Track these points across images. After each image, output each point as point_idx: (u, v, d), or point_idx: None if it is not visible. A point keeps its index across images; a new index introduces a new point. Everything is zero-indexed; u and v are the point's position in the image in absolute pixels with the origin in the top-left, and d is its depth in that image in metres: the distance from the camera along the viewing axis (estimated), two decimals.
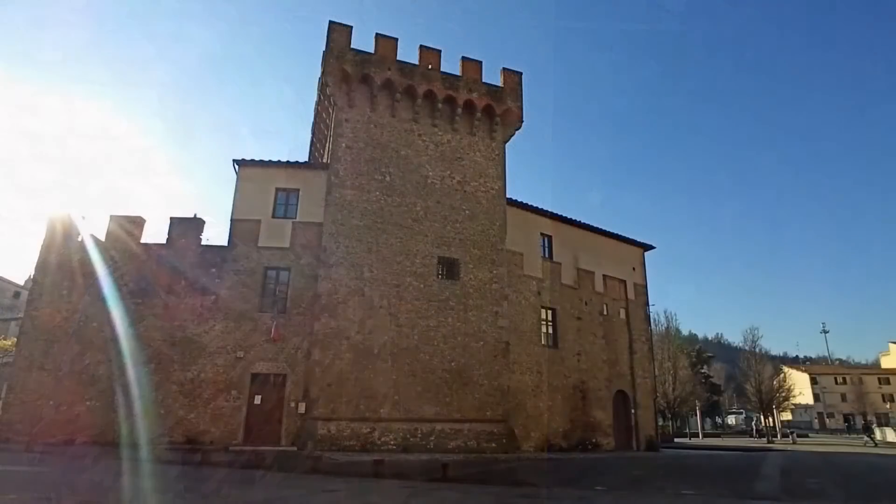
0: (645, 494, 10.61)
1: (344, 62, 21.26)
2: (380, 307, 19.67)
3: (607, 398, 26.56)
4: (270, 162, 20.80)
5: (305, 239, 20.09)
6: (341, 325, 18.98)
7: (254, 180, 20.59)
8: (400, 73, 21.98)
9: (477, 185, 22.90)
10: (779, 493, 10.99)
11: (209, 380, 18.10)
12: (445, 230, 21.67)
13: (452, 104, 22.91)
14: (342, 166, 20.77)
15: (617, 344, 27.99)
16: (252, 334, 18.77)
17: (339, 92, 21.46)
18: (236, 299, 19.04)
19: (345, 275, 19.56)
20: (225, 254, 19.58)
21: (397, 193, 21.25)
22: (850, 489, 12.10)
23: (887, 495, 11.27)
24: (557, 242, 26.47)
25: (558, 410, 24.04)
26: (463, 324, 20.86)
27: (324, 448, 16.89)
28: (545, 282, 25.26)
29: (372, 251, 20.18)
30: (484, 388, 20.48)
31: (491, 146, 23.75)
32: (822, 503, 10.02)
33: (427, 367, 19.76)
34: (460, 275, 21.42)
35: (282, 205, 20.56)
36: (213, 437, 17.40)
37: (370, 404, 18.56)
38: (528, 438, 22.23)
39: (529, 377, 23.26)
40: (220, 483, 10.38)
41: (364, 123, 21.56)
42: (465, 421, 19.80)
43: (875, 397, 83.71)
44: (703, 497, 10.33)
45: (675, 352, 51.17)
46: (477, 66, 23.77)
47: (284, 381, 18.60)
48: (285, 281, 19.77)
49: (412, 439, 18.65)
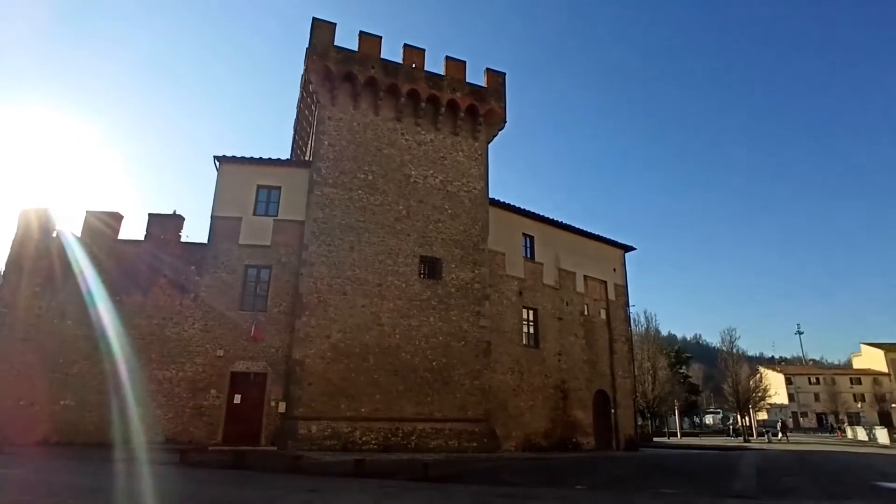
0: (625, 493, 10.70)
1: (327, 60, 21.12)
2: (362, 306, 19.58)
3: (588, 398, 26.80)
4: (252, 159, 20.57)
5: (287, 237, 19.91)
6: (322, 324, 18.85)
7: (235, 177, 20.34)
8: (384, 72, 21.91)
9: (460, 185, 22.92)
10: (756, 491, 11.17)
11: (188, 379, 17.84)
12: (428, 230, 21.65)
13: (436, 104, 22.90)
14: (325, 164, 20.63)
15: (597, 344, 28.26)
16: (232, 333, 18.55)
17: (323, 89, 21.32)
18: (216, 297, 18.79)
19: (326, 273, 19.43)
20: (205, 251, 19.31)
21: (380, 192, 21.17)
22: (824, 486, 12.37)
23: (858, 492, 11.54)
24: (539, 243, 26.63)
25: (539, 410, 24.18)
26: (445, 323, 20.86)
27: (304, 448, 16.76)
28: (527, 282, 25.40)
29: (354, 250, 20.08)
30: (465, 388, 20.51)
31: (474, 146, 23.79)
32: (797, 501, 10.22)
33: (408, 367, 19.72)
34: (442, 274, 21.42)
35: (263, 202, 20.34)
36: (192, 436, 17.15)
37: (351, 404, 18.47)
38: (509, 438, 22.32)
39: (510, 377, 23.36)
40: (199, 483, 10.23)
41: (347, 121, 21.44)
42: (447, 420, 19.80)
43: (847, 397, 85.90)
44: (682, 496, 10.45)
45: (654, 352, 51.77)
46: (461, 65, 23.80)
47: (265, 381, 18.42)
48: (266, 279, 19.57)
49: (393, 439, 18.60)
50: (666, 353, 56.53)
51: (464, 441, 19.75)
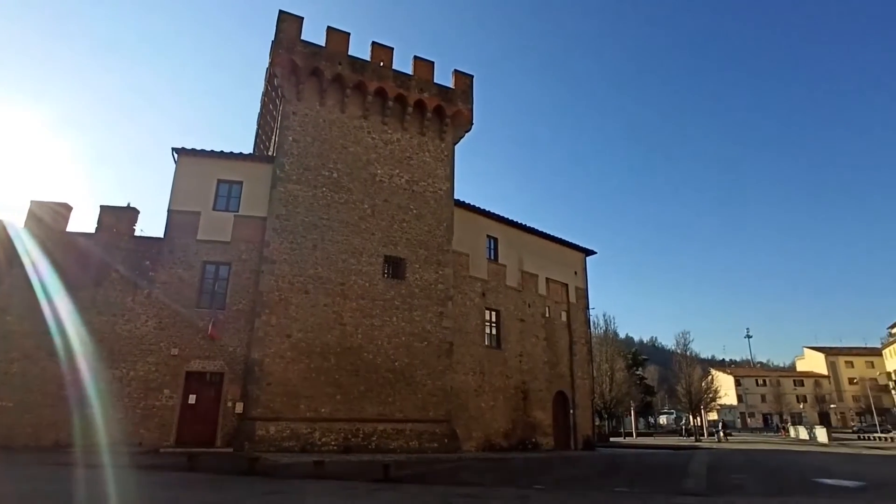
0: (582, 492, 10.92)
1: (293, 54, 20.73)
2: (324, 305, 19.30)
3: (547, 399, 27.19)
4: (213, 152, 19.98)
5: (248, 233, 19.43)
6: (283, 323, 18.48)
7: (194, 170, 19.69)
8: (351, 69, 21.67)
9: (425, 185, 22.89)
10: (705, 489, 11.56)
11: (139, 378, 17.17)
12: (392, 229, 21.53)
13: (403, 103, 22.80)
14: (288, 160, 20.25)
15: (558, 346, 28.71)
16: (188, 331, 17.96)
17: (288, 84, 20.92)
18: (172, 294, 18.16)
19: (288, 271, 19.07)
20: (160, 246, 18.64)
21: (344, 190, 20.93)
22: (768, 483, 12.92)
23: (800, 488, 12.10)
24: (503, 245, 26.88)
25: (500, 411, 24.38)
26: (407, 324, 20.79)
27: (262, 449, 16.38)
28: (490, 283, 25.58)
29: (317, 248, 19.77)
30: (427, 389, 20.49)
31: (440, 147, 23.81)
32: (743, 497, 10.64)
33: (370, 367, 19.56)
34: (406, 274, 21.34)
35: (223, 197, 19.79)
36: (142, 438, 16.51)
37: (311, 404, 18.17)
38: (469, 438, 22.40)
39: (472, 377, 23.47)
40: (150, 487, 9.84)
41: (312, 117, 21.11)
42: (408, 421, 19.73)
43: (791, 398, 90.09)
44: (637, 494, 10.74)
45: (612, 354, 52.97)
46: (429, 66, 23.79)
47: (221, 380, 17.91)
48: (225, 276, 19.04)
49: (353, 440, 18.40)
50: (623, 355, 57.93)
51: (425, 442, 19.72)
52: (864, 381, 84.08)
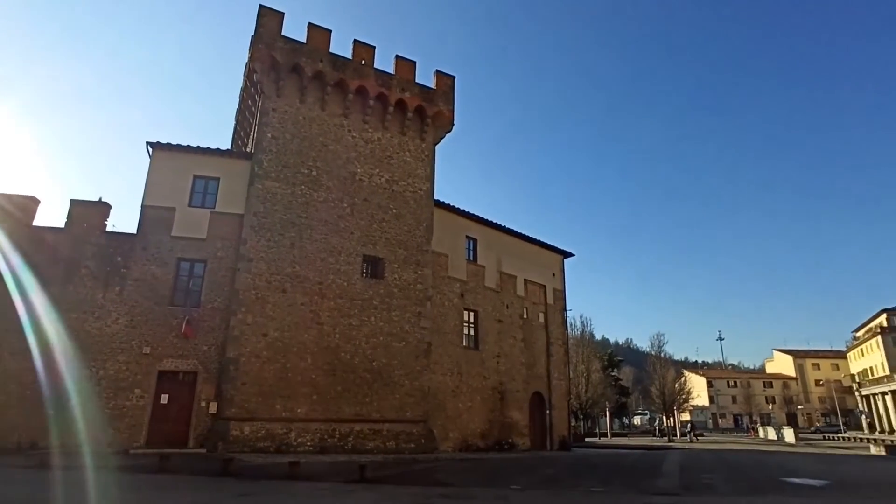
0: (558, 492, 11.01)
1: (274, 49, 20.48)
2: (301, 304, 19.11)
3: (524, 399, 27.36)
4: (189, 147, 19.59)
5: (224, 230, 19.12)
6: (259, 322, 18.23)
7: (169, 165, 19.28)
8: (332, 66, 21.51)
9: (405, 185, 22.84)
10: (678, 488, 11.77)
11: (109, 378, 16.73)
12: (371, 229, 21.43)
13: (384, 102, 22.72)
14: (267, 157, 19.99)
15: (535, 347, 28.92)
16: (161, 329, 17.58)
17: (267, 80, 20.66)
18: (144, 291, 17.76)
19: (265, 270, 18.82)
20: (133, 242, 18.21)
21: (324, 189, 20.76)
22: (738, 483, 13.22)
23: (768, 487, 12.40)
24: (482, 246, 26.97)
25: (477, 411, 24.45)
26: (386, 323, 20.71)
27: (236, 450, 16.14)
28: (469, 284, 25.65)
29: (295, 246, 19.56)
30: (405, 389, 20.44)
31: (421, 147, 23.78)
32: (714, 497, 10.86)
33: (348, 367, 19.43)
34: (385, 274, 21.26)
35: (200, 193, 19.43)
36: (111, 439, 16.08)
37: (287, 404, 17.96)
38: (446, 439, 22.42)
39: (450, 378, 23.49)
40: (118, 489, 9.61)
41: (292, 114, 20.88)
42: (385, 421, 19.65)
43: (760, 399, 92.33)
44: (611, 494, 10.88)
45: (588, 355, 53.63)
46: (411, 65, 23.74)
47: (195, 380, 17.58)
48: (200, 274, 18.70)
49: (330, 440, 18.25)
50: (599, 356, 58.71)
51: (401, 442, 19.66)
52: (829, 382, 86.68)
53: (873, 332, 74.13)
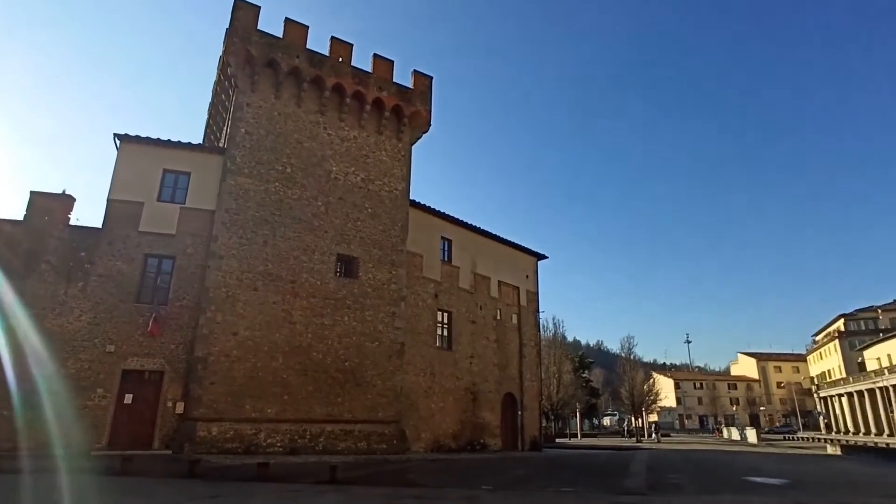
0: (528, 493, 11.10)
1: (249, 43, 20.14)
2: (273, 303, 18.82)
3: (496, 400, 27.51)
4: (159, 140, 19.10)
5: (195, 226, 18.69)
6: (229, 320, 17.89)
7: (138, 159, 18.74)
8: (309, 63, 21.26)
9: (381, 185, 22.72)
10: (644, 488, 11.99)
11: (70, 376, 16.14)
12: (346, 228, 21.26)
13: (361, 100, 22.57)
14: (240, 152, 19.64)
15: (508, 348, 29.11)
16: (126, 327, 17.08)
17: (242, 74, 20.30)
18: (109, 287, 17.23)
19: (237, 267, 18.48)
20: (98, 237, 17.65)
21: (298, 186, 20.50)
22: (703, 482, 13.54)
23: (731, 486, 12.74)
24: (457, 246, 27.02)
25: (449, 412, 24.47)
26: (359, 323, 20.56)
27: (203, 451, 15.78)
28: (443, 285, 25.66)
29: (268, 244, 19.26)
30: (377, 389, 20.32)
31: (397, 146, 23.70)
32: (679, 496, 11.10)
33: (320, 367, 19.22)
34: (359, 274, 21.11)
35: (169, 188, 18.95)
36: (71, 440, 15.51)
37: (256, 404, 17.67)
38: (418, 440, 22.38)
39: (423, 378, 23.46)
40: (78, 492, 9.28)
41: (267, 110, 20.57)
42: (357, 422, 19.51)
43: (725, 400, 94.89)
44: (581, 494, 11.02)
45: (560, 357, 54.26)
46: (389, 64, 23.64)
47: (161, 379, 17.14)
48: (168, 270, 18.24)
49: (300, 441, 18.02)
50: (571, 358, 59.45)
51: (373, 443, 19.54)
52: (790, 385, 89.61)
53: (831, 336, 76.98)
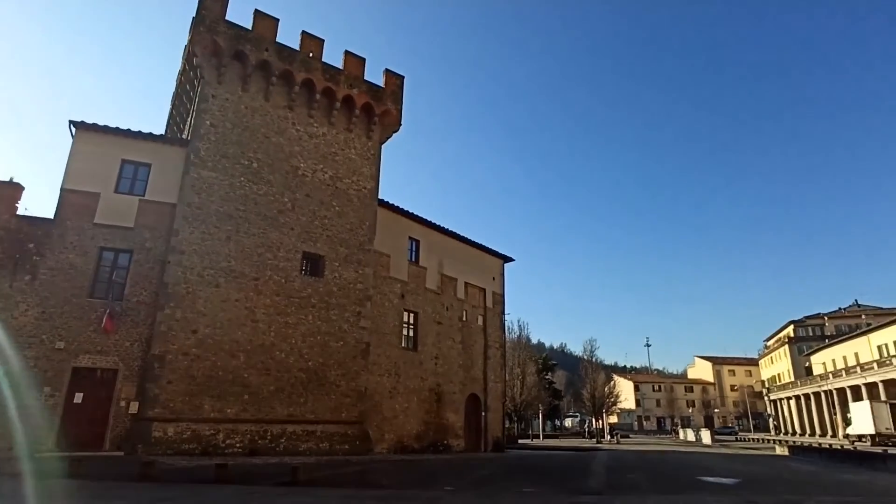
0: (491, 493, 11.15)
1: (216, 34, 19.63)
2: (235, 300, 18.38)
3: (460, 401, 27.59)
4: (118, 129, 18.41)
5: (154, 220, 18.09)
6: (189, 318, 17.37)
7: (95, 148, 18.00)
8: (278, 56, 20.89)
9: (349, 183, 22.50)
10: (604, 488, 12.23)
11: (15, 374, 15.36)
12: (313, 225, 20.96)
13: (331, 97, 22.31)
14: (204, 145, 19.12)
15: (473, 349, 29.24)
16: (77, 323, 16.38)
17: (208, 65, 19.77)
18: (60, 281, 16.49)
19: (198, 263, 17.97)
20: (49, 228, 16.87)
21: (264, 182, 20.09)
22: (659, 482, 13.90)
23: (686, 486, 13.11)
24: (425, 247, 27.00)
25: (413, 412, 24.41)
26: (324, 322, 20.29)
27: (157, 452, 15.26)
28: (410, 285, 25.59)
29: (231, 240, 18.81)
30: (341, 389, 20.09)
31: (367, 145, 23.52)
32: (637, 496, 11.36)
33: (282, 366, 18.87)
34: (325, 272, 20.84)
35: (128, 179, 18.30)
36: (14, 441, 14.76)
37: (216, 404, 17.21)
38: (381, 440, 22.23)
39: (387, 379, 23.33)
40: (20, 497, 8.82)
41: (234, 103, 20.09)
42: (319, 422, 19.24)
43: (682, 403, 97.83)
44: (542, 494, 11.14)
45: (524, 359, 54.85)
46: (360, 62, 23.45)
47: (115, 377, 16.50)
48: (125, 265, 17.60)
49: (261, 441, 17.65)
50: (535, 360, 60.14)
51: (336, 443, 19.31)
52: (742, 388, 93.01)
53: (782, 341, 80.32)
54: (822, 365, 62.56)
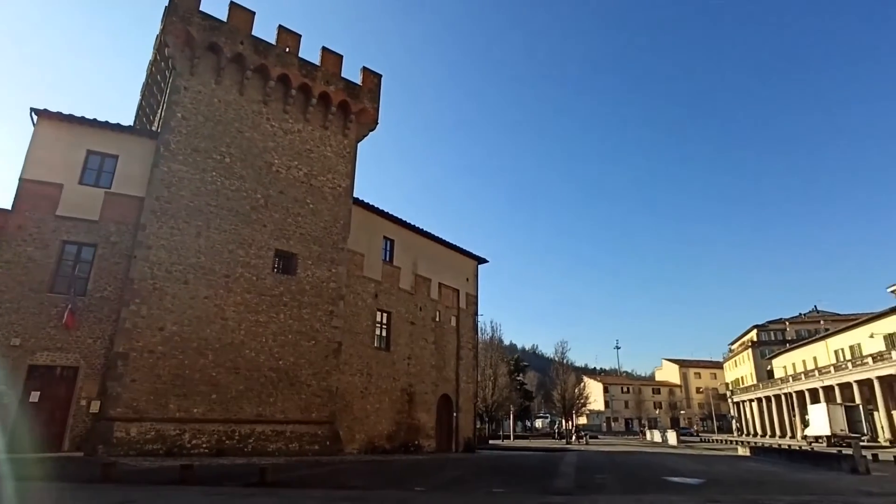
0: (461, 493, 11.16)
1: (190, 24, 19.19)
2: (204, 298, 17.98)
3: (432, 401, 27.56)
4: (84, 119, 17.80)
5: (120, 213, 17.56)
6: (156, 314, 16.91)
7: (58, 137, 17.38)
8: (253, 50, 20.54)
9: (324, 181, 22.26)
10: (573, 488, 12.35)
11: None
12: (286, 223, 20.66)
13: (307, 93, 22.04)
14: (175, 138, 18.65)
15: (446, 350, 29.25)
16: (36, 318, 15.77)
17: (181, 56, 19.31)
18: (17, 275, 15.84)
19: (166, 259, 17.51)
20: (6, 219, 16.19)
21: (236, 177, 19.72)
22: (626, 482, 14.12)
23: (653, 486, 13.34)
24: (399, 247, 26.90)
25: (385, 413, 24.27)
26: (296, 321, 20.02)
27: (119, 453, 14.83)
28: (383, 285, 25.46)
29: (201, 236, 18.39)
30: (311, 389, 19.85)
31: (343, 143, 23.31)
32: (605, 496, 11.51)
33: (252, 365, 18.54)
34: (297, 270, 20.57)
35: (93, 170, 17.72)
36: None
37: (182, 403, 16.80)
38: (352, 440, 22.05)
39: (359, 378, 23.15)
40: None
41: (207, 96, 19.67)
42: (289, 422, 18.97)
43: (649, 404, 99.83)
44: (512, 494, 11.20)
45: (496, 360, 55.13)
46: (338, 59, 23.23)
47: (76, 376, 15.95)
48: (89, 259, 17.03)
49: (228, 442, 17.30)
50: (507, 361, 60.54)
51: (306, 444, 19.06)
52: (708, 390, 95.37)
53: (745, 345, 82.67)
54: (783, 368, 64.64)
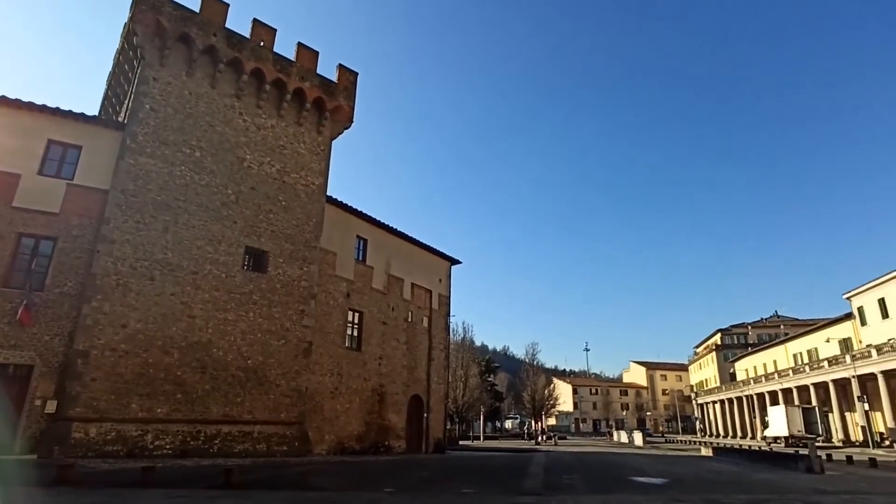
0: (431, 494, 11.12)
1: (160, 14, 18.70)
2: (171, 295, 17.51)
3: (403, 402, 27.46)
4: (44, 107, 17.11)
5: (83, 206, 16.96)
6: (119, 311, 16.39)
7: (15, 125, 16.62)
8: (227, 43, 20.13)
9: (297, 178, 21.96)
10: (541, 488, 12.46)
11: None
12: (257, 220, 20.30)
13: (282, 89, 21.71)
14: (143, 130, 18.13)
15: (417, 350, 29.19)
16: None
17: (150, 46, 18.79)
18: None
19: (131, 254, 16.99)
20: None
21: (207, 172, 19.28)
22: (593, 482, 14.32)
23: (619, 486, 13.56)
24: (372, 247, 26.72)
25: (355, 413, 24.07)
26: (266, 320, 19.68)
27: (77, 455, 14.30)
28: (356, 284, 25.26)
29: (168, 231, 17.92)
30: (280, 389, 19.54)
31: (317, 140, 23.04)
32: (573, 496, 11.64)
33: (220, 364, 18.14)
34: (268, 268, 20.23)
35: (54, 161, 17.06)
36: None
37: (145, 403, 16.32)
38: (322, 441, 21.79)
39: (329, 379, 22.90)
40: None
41: (177, 88, 19.18)
42: (257, 423, 18.63)
43: (617, 406, 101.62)
44: (481, 495, 11.23)
45: (468, 361, 55.33)
46: (313, 55, 22.95)
47: (30, 374, 15.30)
48: (48, 253, 16.39)
49: (193, 443, 16.88)
50: (478, 362, 60.77)
51: (273, 445, 18.74)
52: (673, 392, 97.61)
53: (709, 348, 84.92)
54: (745, 371, 66.60)
